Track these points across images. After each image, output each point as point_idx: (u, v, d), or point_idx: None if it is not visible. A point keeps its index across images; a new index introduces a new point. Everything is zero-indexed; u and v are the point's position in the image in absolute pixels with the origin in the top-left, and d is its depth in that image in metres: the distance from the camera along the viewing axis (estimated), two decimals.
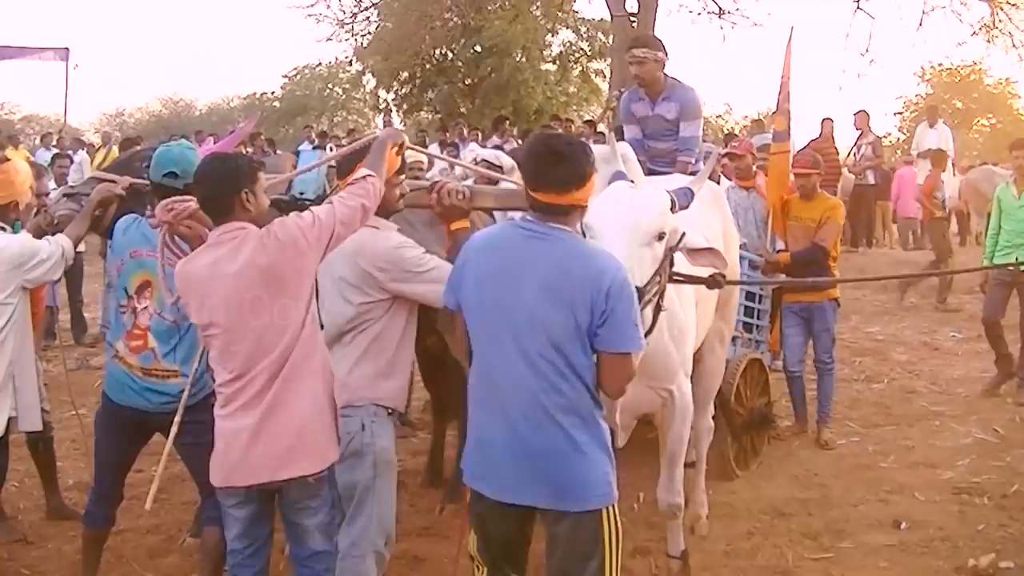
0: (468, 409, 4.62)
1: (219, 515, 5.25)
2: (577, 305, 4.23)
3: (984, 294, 11.31)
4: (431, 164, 10.93)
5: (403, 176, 5.67)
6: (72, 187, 6.47)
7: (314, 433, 4.73)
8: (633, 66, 8.37)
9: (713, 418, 7.83)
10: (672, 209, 5.16)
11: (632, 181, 5.32)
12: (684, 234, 5.18)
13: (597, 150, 6.46)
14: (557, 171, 4.34)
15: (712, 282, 5.79)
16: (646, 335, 5.28)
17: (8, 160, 6.52)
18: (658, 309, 5.32)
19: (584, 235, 4.80)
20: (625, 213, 4.93)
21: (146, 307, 5.58)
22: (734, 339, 8.83)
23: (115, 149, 19.99)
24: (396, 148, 5.30)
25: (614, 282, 4.24)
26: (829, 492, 8.13)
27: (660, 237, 4.97)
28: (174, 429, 5.29)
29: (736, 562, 6.94)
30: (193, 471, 5.85)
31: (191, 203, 5.07)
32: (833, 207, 9.51)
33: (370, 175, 4.95)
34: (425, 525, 7.43)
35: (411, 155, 10.43)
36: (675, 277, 5.42)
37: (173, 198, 5.22)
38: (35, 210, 6.64)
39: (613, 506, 4.43)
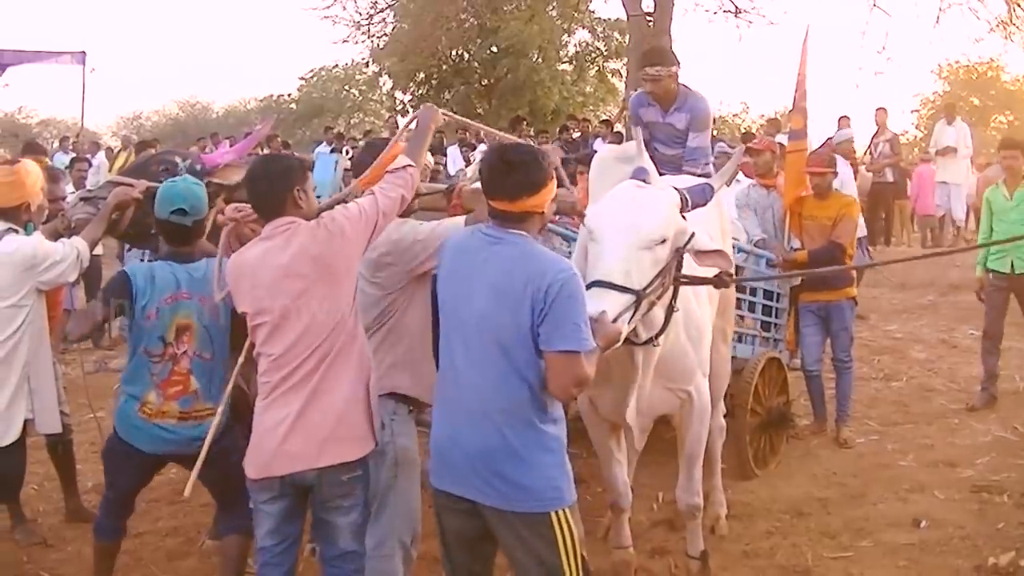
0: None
1: (240, 523, 5.28)
2: (519, 305, 4.29)
3: (981, 301, 10.81)
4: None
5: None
6: (89, 191, 6.49)
7: (352, 420, 4.79)
8: (647, 83, 8.31)
9: (725, 416, 7.84)
10: (683, 208, 5.17)
11: (645, 181, 5.32)
12: (693, 235, 5.18)
13: (614, 149, 6.47)
14: (509, 179, 4.45)
15: (719, 281, 5.78)
16: (658, 335, 5.31)
17: (18, 161, 6.53)
18: (671, 309, 5.33)
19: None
20: (624, 216, 4.97)
21: (185, 351, 5.50)
22: (752, 338, 8.84)
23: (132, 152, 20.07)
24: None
25: (554, 281, 4.27)
26: (848, 491, 8.11)
27: (663, 241, 4.99)
28: (209, 438, 5.24)
29: (755, 561, 6.93)
30: (211, 488, 5.86)
31: None
32: (848, 204, 9.50)
33: (410, 165, 5.06)
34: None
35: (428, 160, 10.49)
36: (681, 278, 5.42)
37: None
38: (47, 212, 6.65)
39: (565, 510, 4.44)
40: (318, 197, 6.20)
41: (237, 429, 5.61)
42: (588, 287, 4.65)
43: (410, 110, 38.77)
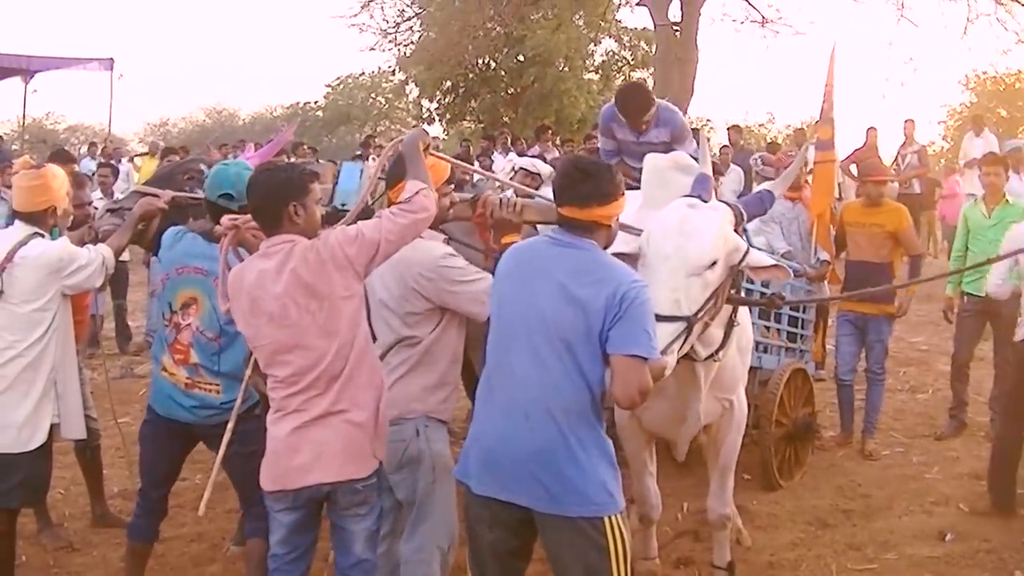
0: (475, 408, 4.66)
1: (264, 526, 5.29)
2: (590, 307, 4.29)
3: (949, 322, 10.33)
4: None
5: (451, 186, 5.69)
6: (116, 201, 6.52)
7: (362, 440, 4.75)
8: (635, 127, 8.09)
9: (754, 427, 7.84)
10: (738, 223, 5.16)
11: (703, 197, 5.28)
12: (748, 251, 5.18)
13: (669, 158, 6.44)
14: (581, 187, 4.47)
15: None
16: (717, 351, 5.32)
17: (44, 165, 6.56)
18: (731, 325, 5.35)
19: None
20: (672, 242, 4.97)
21: (189, 324, 5.62)
22: (778, 348, 8.82)
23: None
24: (425, 147, 5.29)
25: (631, 288, 4.30)
26: (873, 503, 8.09)
27: (713, 264, 4.99)
28: (225, 438, 5.26)
29: (780, 573, 6.93)
30: (235, 481, 5.90)
31: None
32: (901, 211, 9.49)
33: (422, 188, 4.93)
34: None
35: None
36: (736, 300, 5.43)
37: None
38: (72, 217, 6.67)
39: (618, 516, 4.41)
40: (343, 206, 6.20)
41: (263, 427, 5.65)
42: None
43: (436, 118, 38.90)
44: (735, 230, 5.29)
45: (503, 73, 37.47)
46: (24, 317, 5.87)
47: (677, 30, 24.96)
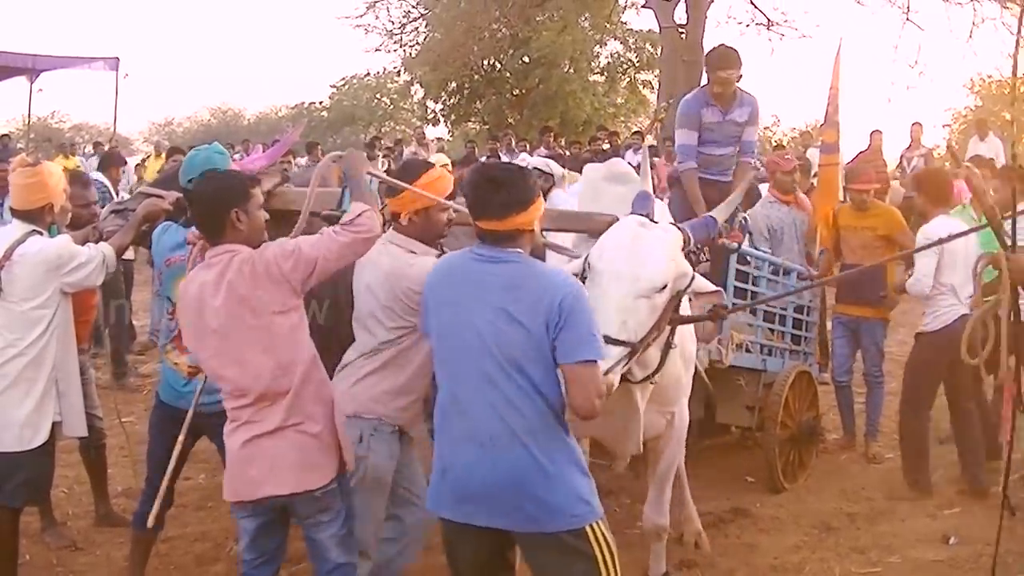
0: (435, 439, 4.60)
1: None
2: (532, 321, 4.24)
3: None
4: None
5: (453, 202, 5.68)
6: (120, 203, 6.52)
7: (318, 449, 4.74)
8: (717, 85, 8.43)
9: (758, 430, 7.84)
10: (685, 247, 5.14)
11: (650, 216, 5.26)
12: (694, 277, 5.16)
13: (604, 167, 6.41)
14: (496, 197, 4.39)
15: (714, 315, 5.68)
16: (654, 374, 5.27)
17: (40, 163, 6.56)
18: (667, 347, 5.32)
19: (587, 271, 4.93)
20: (625, 263, 4.92)
21: None
22: (782, 351, 8.82)
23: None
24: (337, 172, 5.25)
25: (567, 294, 4.26)
26: (877, 506, 8.08)
27: (663, 287, 4.96)
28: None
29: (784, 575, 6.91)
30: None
31: None
32: (892, 213, 9.48)
33: (366, 210, 4.87)
34: None
35: (438, 159, 10.50)
36: (678, 319, 5.39)
37: None
38: (70, 215, 6.66)
39: (598, 522, 4.39)
40: (345, 212, 6.21)
41: None
42: None
43: (441, 119, 38.97)
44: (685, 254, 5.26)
45: (508, 74, 37.54)
46: (24, 315, 5.86)
47: (683, 32, 25.06)
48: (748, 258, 8.17)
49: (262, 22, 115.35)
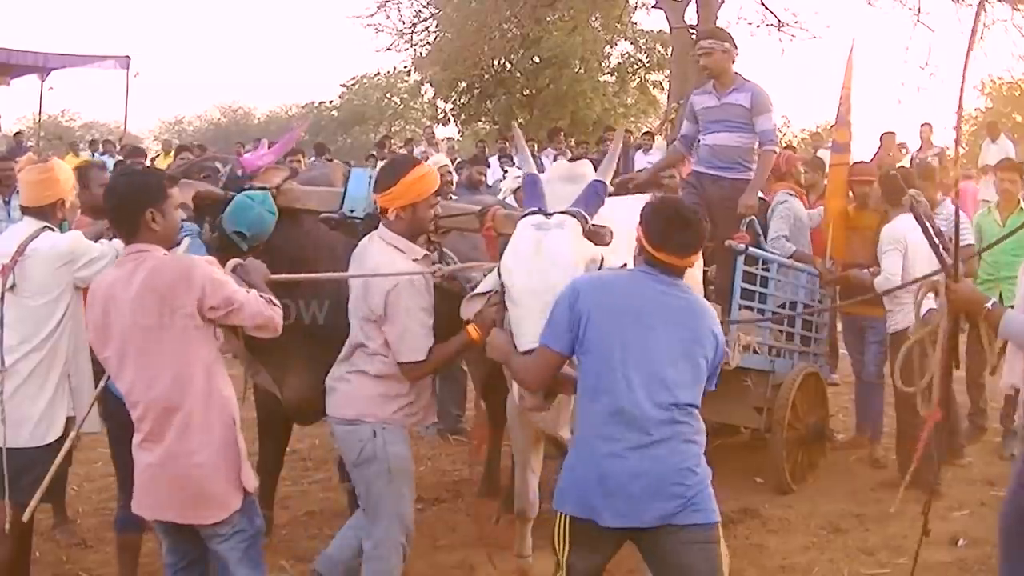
0: (578, 449, 4.62)
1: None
2: (703, 347, 4.60)
3: None
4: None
5: (439, 197, 5.70)
6: None
7: (214, 484, 4.69)
8: (701, 58, 8.58)
9: (766, 431, 7.83)
10: (585, 225, 5.11)
11: (541, 211, 5.22)
12: (603, 259, 5.13)
13: (563, 167, 6.39)
14: (685, 235, 4.58)
15: None
16: None
17: (50, 159, 6.57)
18: None
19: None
20: (533, 274, 4.93)
21: None
22: (791, 353, 8.81)
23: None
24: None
25: (720, 336, 4.72)
26: (886, 507, 8.05)
27: None
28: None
29: None
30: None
31: None
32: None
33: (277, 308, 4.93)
34: (481, 535, 7.44)
35: (438, 160, 10.53)
36: None
37: None
38: (79, 211, 6.66)
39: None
40: (351, 212, 6.20)
41: None
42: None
43: (451, 119, 39.00)
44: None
45: (519, 74, 37.52)
46: (36, 310, 5.85)
47: (693, 33, 24.96)
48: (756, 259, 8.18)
49: (273, 21, 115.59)
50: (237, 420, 4.81)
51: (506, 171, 16.80)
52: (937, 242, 5.54)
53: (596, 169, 5.73)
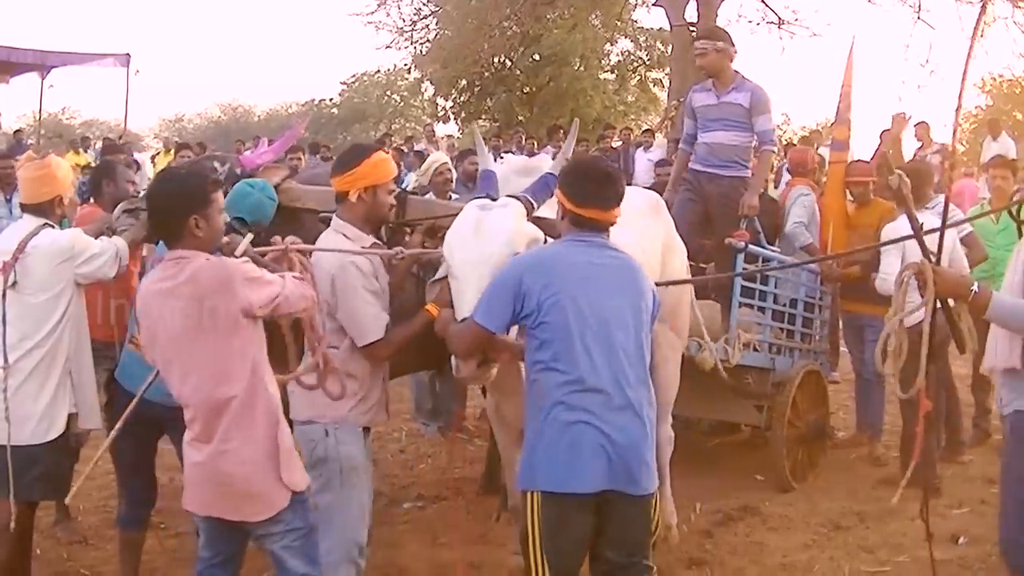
0: (538, 419, 4.64)
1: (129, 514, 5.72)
2: (646, 303, 4.77)
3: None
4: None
5: (393, 185, 5.72)
6: (131, 202, 6.52)
7: (259, 483, 4.66)
8: (697, 59, 8.68)
9: (767, 429, 7.83)
10: (531, 212, 5.17)
11: (489, 195, 5.36)
12: (546, 240, 5.15)
13: (518, 161, 6.43)
14: (609, 190, 4.74)
15: None
16: None
17: (48, 156, 6.58)
18: None
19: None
20: (472, 248, 4.99)
21: None
22: (791, 350, 8.81)
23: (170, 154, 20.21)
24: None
25: (654, 292, 4.93)
26: (886, 505, 8.04)
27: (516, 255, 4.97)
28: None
29: (792, 574, 6.92)
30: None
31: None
32: (891, 211, 9.44)
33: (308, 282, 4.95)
34: (481, 532, 7.45)
35: (437, 158, 10.55)
36: None
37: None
38: (79, 208, 6.67)
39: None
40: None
41: None
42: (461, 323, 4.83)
43: (451, 116, 38.93)
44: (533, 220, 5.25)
45: (519, 72, 37.52)
46: (38, 307, 5.84)
47: (693, 31, 24.94)
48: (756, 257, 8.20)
49: (273, 19, 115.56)
50: (282, 418, 4.80)
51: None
52: (919, 226, 5.50)
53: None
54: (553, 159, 5.96)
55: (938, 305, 5.24)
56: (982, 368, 5.58)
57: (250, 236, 5.20)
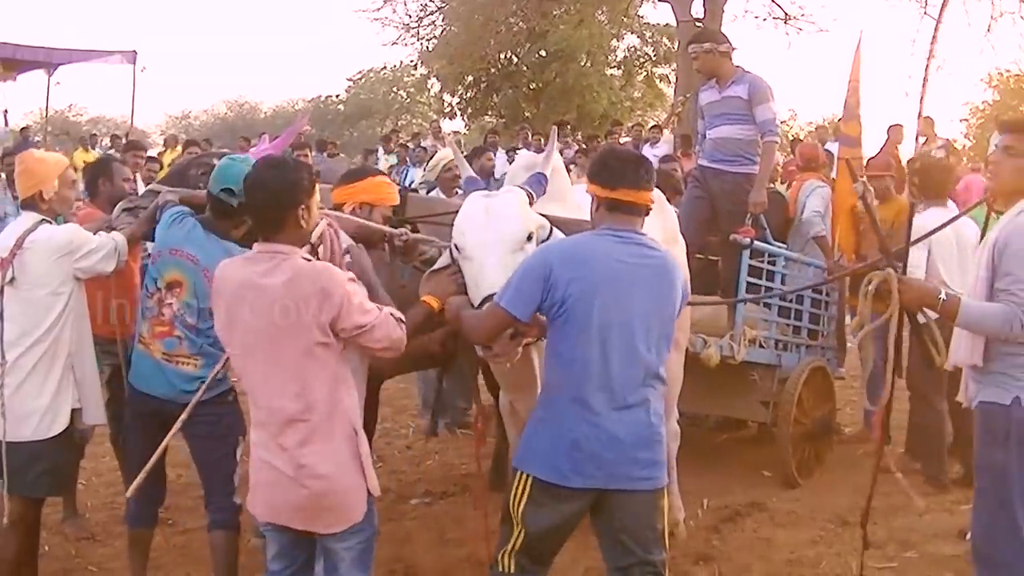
0: (547, 407, 4.69)
1: (221, 518, 5.61)
2: (673, 300, 4.79)
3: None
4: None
5: (389, 212, 5.79)
6: (131, 202, 6.52)
7: (338, 496, 4.57)
8: (694, 62, 8.87)
9: (773, 425, 7.83)
10: (531, 202, 5.19)
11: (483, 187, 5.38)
12: (552, 229, 5.19)
13: (528, 157, 6.47)
14: (640, 170, 4.76)
15: None
16: None
17: (29, 150, 6.58)
18: None
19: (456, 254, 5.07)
20: (486, 227, 4.98)
21: (171, 303, 5.62)
22: (797, 347, 8.81)
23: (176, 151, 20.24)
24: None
25: (686, 291, 4.97)
26: (893, 501, 8.04)
27: (529, 238, 5.00)
28: (185, 414, 5.37)
29: (800, 570, 6.92)
30: (199, 463, 5.87)
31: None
32: (906, 208, 9.42)
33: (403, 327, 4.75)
34: (491, 529, 7.44)
35: (445, 155, 10.56)
36: None
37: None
38: (74, 204, 6.66)
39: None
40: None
41: (234, 415, 5.75)
42: (479, 304, 4.80)
43: (458, 113, 38.93)
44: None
45: (525, 68, 37.47)
46: (37, 302, 5.84)
47: (699, 26, 24.92)
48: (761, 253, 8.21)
49: (279, 15, 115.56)
50: (360, 428, 4.68)
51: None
52: (884, 233, 5.53)
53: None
54: (560, 154, 5.99)
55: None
56: (947, 364, 5.57)
57: (326, 220, 5.00)
